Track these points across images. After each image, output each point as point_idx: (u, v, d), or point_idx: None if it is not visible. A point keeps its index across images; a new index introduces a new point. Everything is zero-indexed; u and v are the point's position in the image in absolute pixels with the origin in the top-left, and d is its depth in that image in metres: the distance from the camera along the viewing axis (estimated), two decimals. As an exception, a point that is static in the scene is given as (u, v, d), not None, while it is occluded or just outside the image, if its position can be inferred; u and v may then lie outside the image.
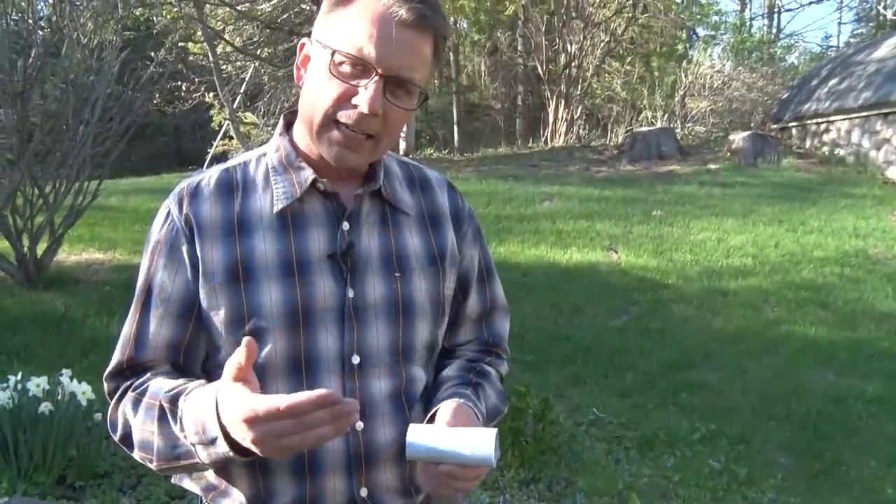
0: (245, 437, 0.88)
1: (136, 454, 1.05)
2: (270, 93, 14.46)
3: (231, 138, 14.09)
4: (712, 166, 11.44)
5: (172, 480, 1.18)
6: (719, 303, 6.06)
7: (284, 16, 13.43)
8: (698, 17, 19.20)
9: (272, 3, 13.10)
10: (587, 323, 5.63)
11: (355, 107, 1.02)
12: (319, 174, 1.10)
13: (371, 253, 1.12)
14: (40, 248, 5.76)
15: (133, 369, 1.08)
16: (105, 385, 1.10)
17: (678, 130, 13.88)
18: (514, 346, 1.39)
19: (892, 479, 3.51)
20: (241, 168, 1.14)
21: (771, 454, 3.72)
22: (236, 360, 0.89)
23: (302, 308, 1.06)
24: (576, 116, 15.97)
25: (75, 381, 3.22)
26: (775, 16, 27.83)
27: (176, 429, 0.98)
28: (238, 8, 12.08)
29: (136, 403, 1.04)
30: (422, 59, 1.05)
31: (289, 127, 1.17)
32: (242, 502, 1.09)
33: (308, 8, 13.07)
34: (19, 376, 3.22)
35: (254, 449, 0.88)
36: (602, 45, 16.21)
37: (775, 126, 13.38)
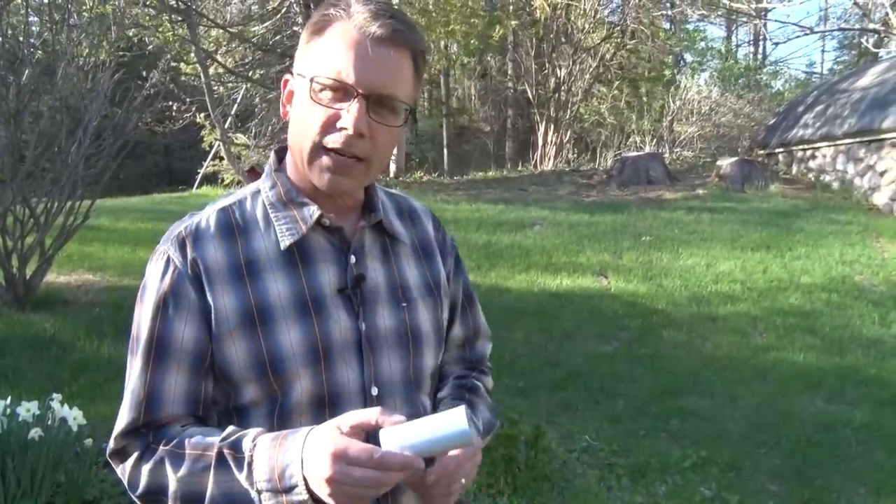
0: (322, 473, 0.89)
1: None
2: (261, 114, 14.51)
3: (221, 159, 14.10)
4: (700, 191, 11.55)
5: None
6: (709, 329, 6.10)
7: (276, 38, 13.53)
8: (685, 43, 19.46)
9: (264, 25, 13.20)
10: (578, 348, 5.64)
11: (341, 130, 1.02)
12: (323, 209, 1.10)
13: (378, 284, 1.14)
14: (29, 269, 5.72)
15: (150, 426, 1.05)
16: (113, 443, 1.07)
17: (666, 155, 14.02)
18: (506, 372, 1.42)
19: (881, 508, 3.53)
20: (237, 207, 1.12)
21: (761, 481, 3.73)
22: (363, 418, 0.92)
23: (322, 345, 1.07)
24: (565, 140, 16.12)
25: (66, 406, 3.20)
26: (760, 43, 28.28)
27: (241, 476, 0.96)
28: (230, 30, 12.16)
29: (176, 457, 1.01)
30: (401, 76, 1.06)
31: (280, 161, 1.18)
32: None
33: (300, 31, 13.17)
34: (8, 400, 3.19)
35: (325, 489, 0.89)
36: (591, 70, 16.41)
37: (762, 152, 13.55)
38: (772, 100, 17.53)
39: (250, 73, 13.08)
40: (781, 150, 12.94)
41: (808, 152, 12.06)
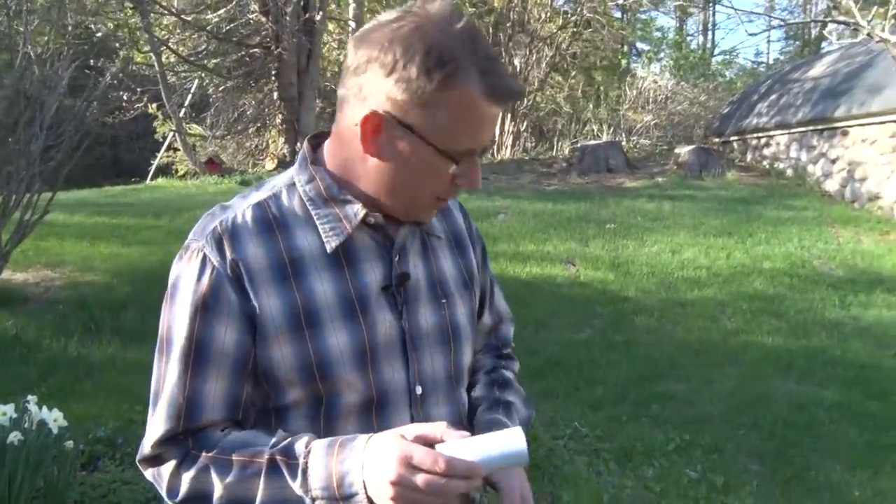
0: (387, 476, 0.87)
1: None
2: (216, 104, 14.22)
3: (176, 150, 13.79)
4: (660, 179, 11.73)
5: None
6: (679, 314, 6.20)
7: (230, 26, 13.26)
8: (640, 32, 19.69)
9: (218, 13, 12.92)
10: (553, 336, 5.67)
11: (457, 186, 1.04)
12: (369, 208, 1.06)
13: (419, 281, 1.12)
14: (-14, 266, 5.51)
15: (188, 432, 1.02)
16: (149, 450, 1.03)
17: (624, 143, 14.18)
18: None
19: (857, 482, 3.64)
20: (273, 201, 1.06)
21: (743, 462, 3.81)
22: (427, 431, 0.92)
23: (369, 346, 1.04)
24: (522, 129, 16.19)
25: (45, 408, 3.09)
26: (709, 32, 28.84)
27: (294, 483, 0.94)
28: (184, 17, 11.87)
29: (223, 464, 0.98)
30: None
31: (314, 150, 1.12)
32: None
33: (255, 19, 12.94)
34: (-20, 404, 3.06)
35: (387, 492, 0.87)
36: (547, 59, 16.49)
37: (717, 140, 13.81)
38: (725, 89, 17.88)
39: (205, 63, 12.80)
40: (736, 137, 13.21)
41: (763, 140, 12.34)
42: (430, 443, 0.92)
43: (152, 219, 8.41)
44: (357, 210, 1.05)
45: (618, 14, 19.66)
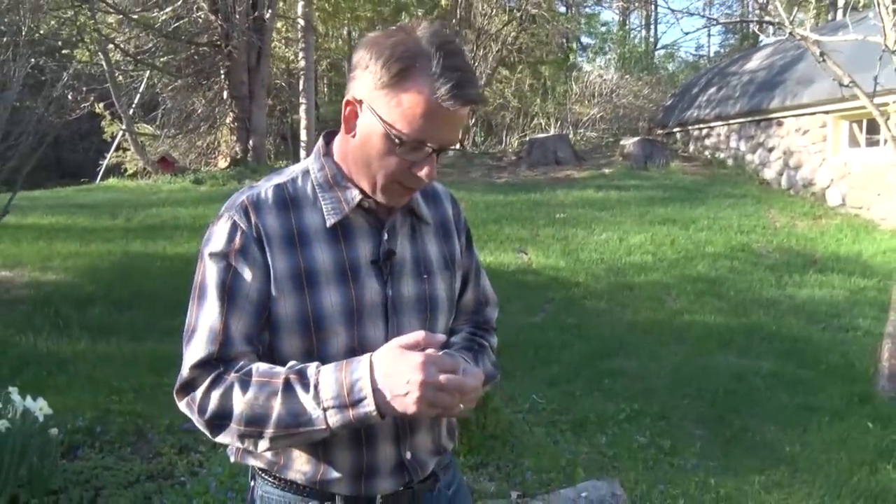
0: (415, 378, 1.08)
1: (234, 429, 1.18)
2: (165, 104, 14.12)
3: (125, 150, 13.65)
4: (606, 170, 12.11)
5: (233, 459, 1.33)
6: (627, 297, 6.53)
7: (177, 24, 13.18)
8: (584, 27, 20.11)
9: (165, 11, 12.84)
10: (508, 321, 5.92)
11: (415, 175, 1.22)
12: (364, 194, 1.28)
13: (405, 258, 1.34)
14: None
15: (221, 359, 1.22)
16: (187, 373, 1.21)
17: (571, 136, 14.56)
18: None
19: (788, 440, 3.98)
20: (290, 184, 1.30)
21: (688, 427, 4.13)
22: (411, 339, 1.13)
23: (356, 307, 1.26)
24: (470, 124, 16.45)
25: (28, 397, 3.20)
26: (652, 27, 29.53)
27: (307, 396, 1.14)
28: (132, 16, 11.78)
29: (245, 383, 1.17)
30: (463, 124, 1.25)
31: (328, 144, 1.34)
32: (305, 472, 1.27)
33: (204, 17, 12.90)
34: (-37, 396, 3.15)
35: (414, 393, 1.08)
36: (494, 54, 16.79)
37: (661, 131, 14.28)
38: (667, 82, 18.44)
39: (154, 61, 12.71)
40: (679, 129, 13.70)
41: (704, 131, 12.84)
42: (416, 349, 1.13)
43: (108, 218, 8.42)
44: (355, 195, 1.28)
45: (562, 9, 20.12)
